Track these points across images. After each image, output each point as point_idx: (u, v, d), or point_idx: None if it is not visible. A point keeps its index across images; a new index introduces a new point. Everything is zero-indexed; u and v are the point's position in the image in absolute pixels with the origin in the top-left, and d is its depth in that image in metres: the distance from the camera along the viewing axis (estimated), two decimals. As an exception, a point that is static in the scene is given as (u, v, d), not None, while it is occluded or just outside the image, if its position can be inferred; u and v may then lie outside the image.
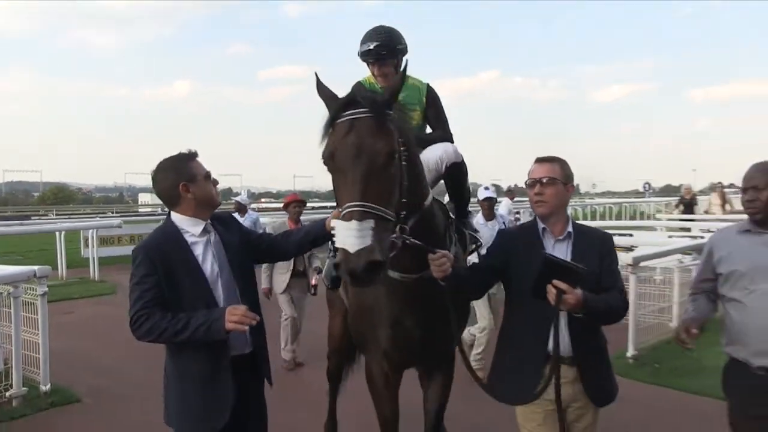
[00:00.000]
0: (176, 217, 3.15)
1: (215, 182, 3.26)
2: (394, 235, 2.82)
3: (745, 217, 3.26)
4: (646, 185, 43.46)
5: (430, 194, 3.33)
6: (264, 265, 7.52)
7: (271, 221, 14.48)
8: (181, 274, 3.02)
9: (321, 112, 2.90)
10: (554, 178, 3.15)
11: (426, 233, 3.11)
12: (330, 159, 2.77)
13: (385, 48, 3.91)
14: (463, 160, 3.99)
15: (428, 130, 4.24)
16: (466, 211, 4.25)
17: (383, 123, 2.80)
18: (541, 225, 3.22)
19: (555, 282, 2.85)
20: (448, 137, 4.13)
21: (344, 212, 2.61)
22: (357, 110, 2.80)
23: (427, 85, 4.17)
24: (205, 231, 3.15)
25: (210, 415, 3.04)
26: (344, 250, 2.54)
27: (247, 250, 3.31)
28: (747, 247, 3.17)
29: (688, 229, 15.34)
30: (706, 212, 19.85)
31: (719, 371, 3.37)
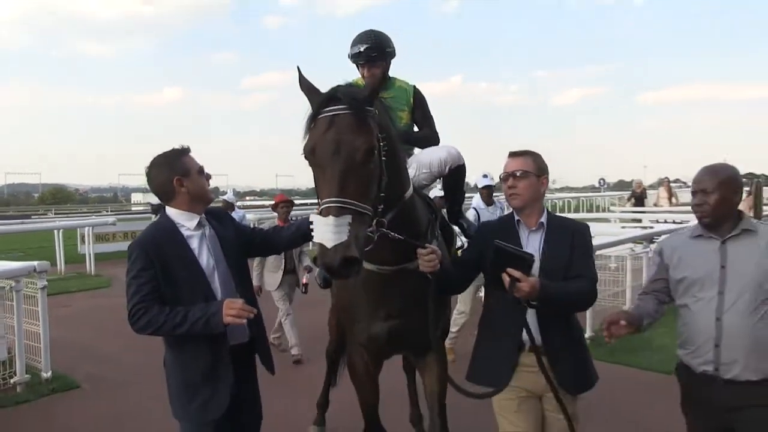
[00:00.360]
0: (171, 212, 3.02)
1: (208, 177, 3.15)
2: (370, 229, 2.72)
3: (688, 209, 3.24)
4: (601, 181, 43.69)
5: (410, 187, 3.21)
6: (254, 264, 7.31)
7: (256, 217, 14.50)
8: (178, 267, 2.90)
9: (300, 114, 2.81)
10: (527, 171, 3.02)
11: (406, 226, 3.03)
12: (311, 154, 2.68)
13: (375, 50, 3.86)
14: (464, 162, 3.94)
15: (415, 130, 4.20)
16: (459, 211, 4.22)
17: (363, 119, 2.69)
18: (516, 217, 3.10)
19: (508, 270, 2.74)
20: (434, 135, 4.11)
21: (322, 207, 2.54)
22: (337, 107, 2.68)
23: (414, 86, 4.11)
24: (199, 225, 3.03)
25: (210, 406, 2.93)
26: (321, 245, 2.47)
27: (240, 244, 3.19)
28: (698, 254, 2.98)
29: (639, 220, 15.62)
30: (655, 204, 20.16)
31: (666, 348, 3.42)
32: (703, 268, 2.93)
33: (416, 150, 4.11)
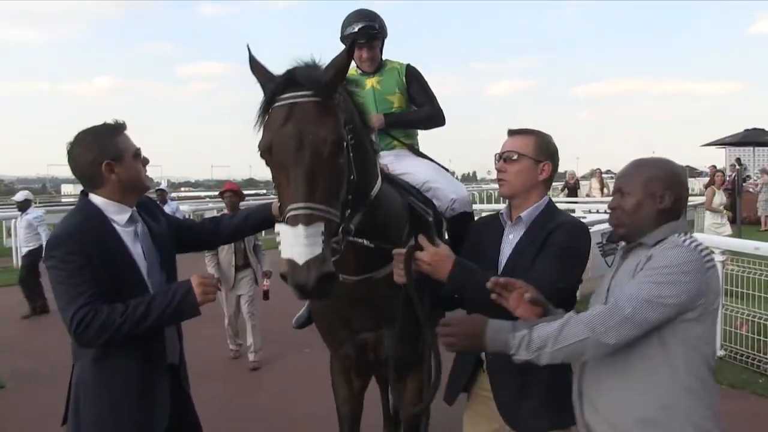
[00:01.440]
0: (98, 201, 2.47)
1: (145, 161, 2.59)
2: (336, 239, 2.27)
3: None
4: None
5: (378, 180, 2.73)
6: (207, 258, 6.64)
7: (190, 209, 14.22)
8: (114, 267, 2.38)
9: (238, 105, 2.48)
10: (522, 155, 2.49)
11: (375, 230, 2.60)
12: (267, 152, 2.23)
13: (371, 28, 3.52)
14: (472, 211, 3.56)
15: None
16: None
17: (328, 107, 2.25)
18: (504, 207, 2.64)
19: (420, 238, 2.30)
20: (437, 113, 3.74)
21: (288, 215, 2.12)
22: (297, 93, 2.24)
23: (407, 65, 3.74)
24: (131, 220, 2.51)
25: (146, 428, 2.48)
26: (291, 261, 2.05)
27: (172, 239, 2.72)
28: (609, 266, 2.39)
29: (573, 211, 15.93)
30: (588, 195, 20.75)
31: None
32: (601, 284, 2.30)
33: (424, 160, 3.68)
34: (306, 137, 2.16)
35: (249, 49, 2.38)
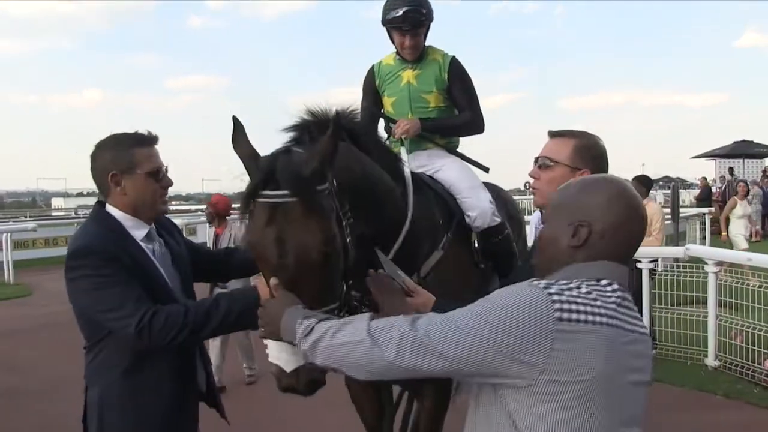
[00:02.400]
0: (115, 212, 2.30)
1: (168, 182, 2.38)
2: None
3: None
4: (527, 184, 44.59)
5: (408, 215, 2.64)
6: None
7: (183, 222, 14.16)
8: (144, 275, 2.23)
9: (225, 120, 2.18)
10: (556, 161, 2.16)
11: (402, 250, 2.56)
12: (252, 249, 2.06)
13: (418, 13, 3.21)
14: (503, 221, 3.25)
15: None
16: None
17: (313, 206, 1.99)
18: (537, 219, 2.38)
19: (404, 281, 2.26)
20: (477, 120, 3.47)
21: None
22: (277, 192, 1.98)
23: (452, 58, 3.40)
24: (150, 237, 2.35)
25: None
26: (279, 367, 1.95)
27: (190, 263, 2.56)
28: None
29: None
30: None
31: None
32: None
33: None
34: (289, 245, 1.95)
35: (235, 121, 2.15)
